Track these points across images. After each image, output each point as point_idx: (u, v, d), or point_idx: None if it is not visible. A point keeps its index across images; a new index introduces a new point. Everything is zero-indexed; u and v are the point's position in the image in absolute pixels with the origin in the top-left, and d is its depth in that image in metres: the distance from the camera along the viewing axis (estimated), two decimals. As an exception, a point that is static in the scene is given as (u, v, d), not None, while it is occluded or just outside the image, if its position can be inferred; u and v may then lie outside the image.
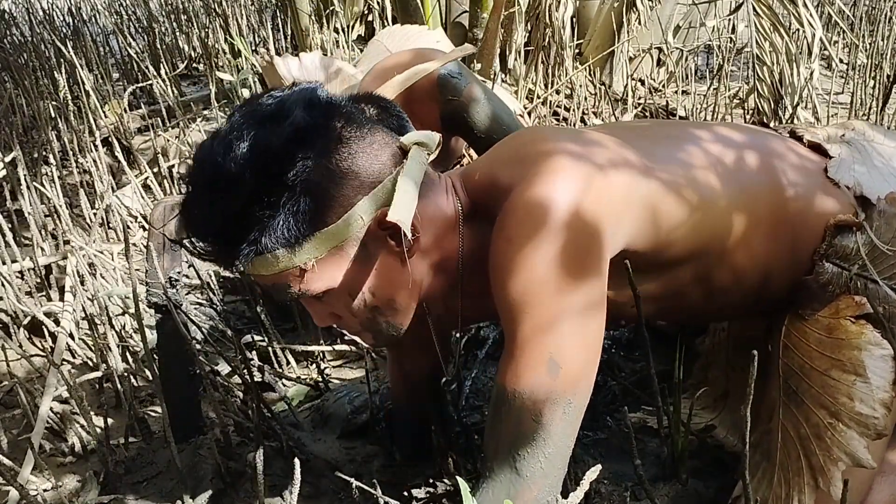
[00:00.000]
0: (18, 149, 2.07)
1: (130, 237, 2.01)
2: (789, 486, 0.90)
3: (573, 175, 0.81)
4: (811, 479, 0.88)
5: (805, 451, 0.90)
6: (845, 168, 1.00)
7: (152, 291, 1.13)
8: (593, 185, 0.82)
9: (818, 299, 0.97)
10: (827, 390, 0.90)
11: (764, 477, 0.95)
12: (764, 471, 0.96)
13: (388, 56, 1.53)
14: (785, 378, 0.97)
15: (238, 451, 1.19)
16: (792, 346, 0.97)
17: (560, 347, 0.78)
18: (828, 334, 0.93)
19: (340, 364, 1.48)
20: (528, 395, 0.78)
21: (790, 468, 0.91)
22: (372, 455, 1.19)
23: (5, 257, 1.67)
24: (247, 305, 1.67)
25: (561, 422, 0.79)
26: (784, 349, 0.98)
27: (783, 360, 0.98)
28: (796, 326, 0.98)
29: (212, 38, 3.28)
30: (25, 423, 1.29)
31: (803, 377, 0.94)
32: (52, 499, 1.13)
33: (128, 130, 2.59)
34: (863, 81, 2.32)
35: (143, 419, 1.29)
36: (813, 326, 0.96)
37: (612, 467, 1.12)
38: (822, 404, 0.90)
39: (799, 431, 0.92)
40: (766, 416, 0.99)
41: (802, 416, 0.92)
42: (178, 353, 1.16)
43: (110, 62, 3.46)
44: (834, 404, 0.89)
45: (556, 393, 0.78)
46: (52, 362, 1.28)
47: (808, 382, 0.93)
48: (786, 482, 0.91)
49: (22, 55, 3.42)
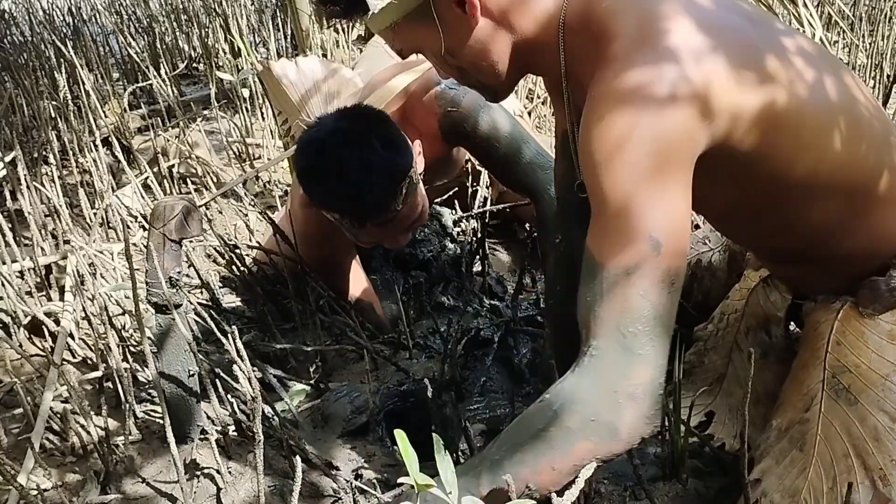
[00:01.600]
0: (18, 148, 2.07)
1: (130, 237, 2.01)
2: (833, 482, 0.90)
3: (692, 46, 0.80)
4: (866, 479, 0.88)
5: (857, 449, 0.90)
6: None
7: (152, 291, 1.13)
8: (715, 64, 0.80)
9: (882, 301, 0.96)
10: (887, 395, 0.90)
11: (793, 466, 0.95)
12: (793, 459, 0.95)
13: (382, 71, 1.55)
14: (833, 373, 0.96)
15: (238, 451, 1.19)
16: (847, 344, 0.96)
17: (660, 223, 0.78)
18: (890, 340, 0.93)
19: (340, 364, 1.48)
20: (633, 272, 0.77)
21: (835, 463, 0.91)
22: (372, 455, 1.19)
23: (5, 257, 1.67)
24: (247, 305, 1.67)
25: (669, 298, 0.79)
26: (835, 345, 0.97)
27: (832, 355, 0.97)
28: (851, 324, 0.97)
29: (212, 38, 3.27)
30: (25, 422, 1.29)
31: (858, 377, 0.93)
32: (52, 499, 1.13)
33: (128, 130, 2.59)
34: (863, 81, 2.32)
35: (143, 419, 1.29)
36: (872, 328, 0.95)
37: (612, 467, 1.11)
38: (882, 408, 0.90)
39: (850, 430, 0.91)
40: (802, 406, 0.98)
41: (856, 416, 0.92)
42: (178, 353, 1.16)
43: (110, 62, 3.46)
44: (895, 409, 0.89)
45: (660, 269, 0.78)
46: (53, 362, 1.28)
47: (863, 383, 0.92)
48: (827, 476, 0.91)
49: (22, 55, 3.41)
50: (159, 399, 1.02)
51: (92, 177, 2.11)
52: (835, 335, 0.98)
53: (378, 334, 1.52)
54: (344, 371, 1.45)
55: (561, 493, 0.75)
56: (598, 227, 0.81)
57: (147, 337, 1.08)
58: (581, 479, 0.73)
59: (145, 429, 1.27)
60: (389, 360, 1.38)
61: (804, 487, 0.92)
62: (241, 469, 1.15)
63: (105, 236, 2.03)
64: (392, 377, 1.36)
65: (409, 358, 1.43)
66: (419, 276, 1.68)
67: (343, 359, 1.49)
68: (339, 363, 1.48)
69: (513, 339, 1.48)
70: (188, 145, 2.41)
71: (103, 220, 2.05)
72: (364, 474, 1.15)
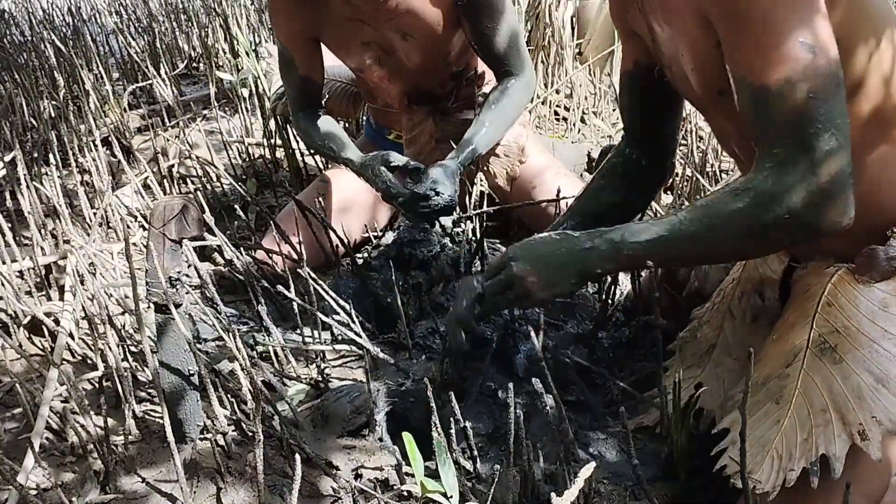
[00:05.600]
0: (18, 148, 2.07)
1: (130, 237, 2.01)
2: (809, 433, 0.91)
3: None
4: (843, 433, 0.89)
5: (837, 405, 0.91)
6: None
7: (152, 291, 1.13)
8: None
9: (880, 270, 0.97)
10: (875, 358, 0.91)
11: (767, 417, 0.96)
12: (768, 411, 0.97)
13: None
14: (820, 333, 0.97)
15: (238, 451, 1.19)
16: (838, 306, 0.97)
17: (805, 31, 0.82)
18: (882, 307, 0.94)
19: (340, 364, 1.48)
20: (797, 78, 0.82)
21: (812, 416, 0.92)
22: (372, 455, 1.19)
23: (5, 257, 1.67)
24: (247, 305, 1.67)
25: (837, 94, 0.83)
26: (826, 306, 0.98)
27: (821, 316, 0.98)
28: (845, 289, 0.98)
29: (212, 38, 3.28)
30: (25, 422, 1.29)
31: (847, 338, 0.94)
32: (52, 499, 1.13)
33: (128, 130, 2.59)
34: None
35: (143, 419, 1.29)
36: (865, 295, 0.96)
37: (612, 467, 1.12)
38: (868, 369, 0.91)
39: (832, 387, 0.92)
40: (783, 362, 0.99)
41: (839, 374, 0.93)
42: (177, 352, 1.16)
43: (110, 62, 3.46)
44: (882, 372, 0.90)
45: (821, 68, 0.82)
46: (52, 361, 1.28)
47: (851, 344, 0.94)
48: (802, 428, 0.92)
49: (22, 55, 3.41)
50: (159, 399, 1.02)
51: (92, 177, 2.11)
52: (826, 297, 0.99)
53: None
54: (344, 371, 1.45)
55: (560, 493, 0.75)
56: (745, 55, 0.86)
57: (147, 336, 1.07)
58: (580, 480, 0.73)
59: (145, 428, 1.27)
60: (389, 360, 1.38)
61: (776, 438, 0.93)
62: (241, 469, 1.15)
63: (105, 236, 2.03)
64: (392, 377, 1.36)
65: (409, 358, 1.43)
66: (419, 276, 1.68)
67: (343, 359, 1.49)
68: (339, 363, 1.48)
69: (512, 339, 1.48)
70: (188, 145, 2.41)
71: (103, 220, 2.05)
72: (364, 474, 1.15)
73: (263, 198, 2.28)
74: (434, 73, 1.78)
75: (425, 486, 0.70)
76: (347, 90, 2.15)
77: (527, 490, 1.01)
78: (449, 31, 1.68)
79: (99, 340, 1.37)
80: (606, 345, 1.38)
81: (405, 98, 1.83)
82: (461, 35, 1.71)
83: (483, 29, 1.61)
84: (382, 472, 1.15)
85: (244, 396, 1.21)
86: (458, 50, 1.75)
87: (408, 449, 0.71)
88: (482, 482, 1.10)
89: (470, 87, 1.84)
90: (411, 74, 1.77)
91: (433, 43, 1.69)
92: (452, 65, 1.78)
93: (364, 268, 1.70)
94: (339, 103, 2.17)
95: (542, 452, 1.10)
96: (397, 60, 1.74)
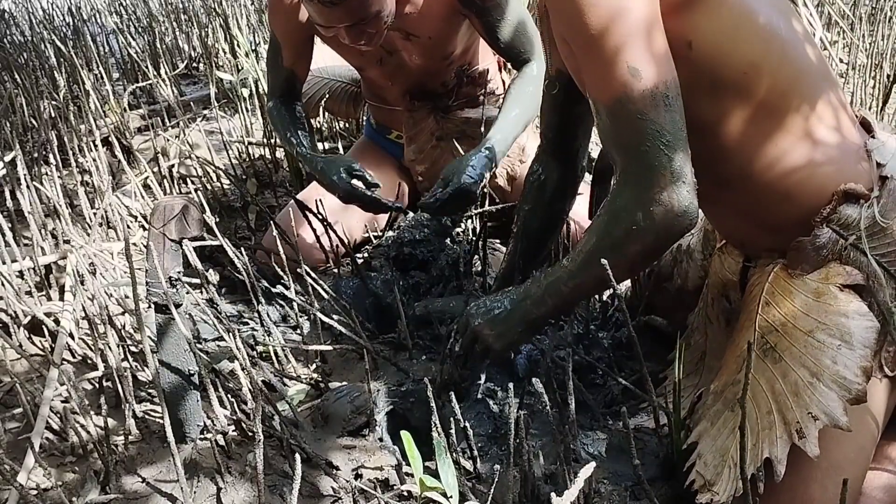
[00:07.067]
0: (18, 148, 2.07)
1: (130, 237, 2.01)
2: (757, 437, 0.91)
3: None
4: (784, 433, 0.89)
5: (779, 405, 0.91)
6: (886, 150, 1.01)
7: (152, 291, 1.13)
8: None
9: (809, 261, 0.99)
10: (810, 351, 0.92)
11: (725, 426, 0.96)
12: (725, 420, 0.97)
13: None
14: (762, 333, 0.98)
15: (238, 451, 1.19)
16: (774, 304, 0.99)
17: (634, 48, 0.89)
18: (815, 298, 0.95)
19: (340, 364, 1.48)
20: (624, 99, 0.90)
21: (759, 420, 0.92)
22: (372, 455, 1.19)
23: (5, 257, 1.67)
24: (247, 305, 1.67)
25: (666, 113, 0.90)
26: (765, 305, 1.00)
27: (762, 316, 1.00)
28: (780, 285, 1.00)
29: (212, 38, 3.28)
30: (25, 422, 1.29)
31: (784, 335, 0.95)
32: (53, 499, 1.13)
33: (128, 130, 2.59)
34: (863, 81, 2.32)
35: (143, 419, 1.29)
36: (800, 288, 0.97)
37: (612, 467, 1.11)
38: (804, 364, 0.91)
39: (773, 386, 0.93)
40: (736, 368, 1.00)
41: (779, 372, 0.93)
42: (177, 352, 1.16)
43: (110, 62, 3.46)
44: (816, 365, 0.90)
45: (646, 91, 0.89)
46: (52, 362, 1.28)
47: (788, 341, 0.95)
48: (752, 433, 0.92)
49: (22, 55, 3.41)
50: (159, 399, 1.02)
51: (92, 177, 2.11)
52: (764, 296, 1.01)
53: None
54: (344, 371, 1.45)
55: (560, 493, 0.75)
56: (588, 77, 0.95)
57: (147, 336, 1.07)
58: (580, 480, 0.73)
59: (145, 428, 1.27)
60: (389, 360, 1.38)
61: (732, 446, 0.93)
62: (241, 469, 1.15)
63: (105, 236, 2.03)
64: (392, 377, 1.36)
65: (409, 358, 1.43)
66: (418, 276, 1.68)
67: (343, 359, 1.49)
68: (339, 363, 1.48)
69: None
70: (188, 145, 2.41)
71: (103, 220, 2.05)
72: (364, 474, 1.15)
73: (263, 198, 2.28)
74: (436, 71, 1.78)
75: (424, 483, 0.70)
76: (347, 90, 2.15)
77: (527, 490, 1.01)
78: (451, 30, 1.68)
79: (99, 340, 1.37)
80: (606, 345, 1.38)
81: (407, 96, 1.83)
82: (463, 34, 1.71)
83: (493, 23, 1.62)
84: (382, 472, 1.15)
85: (244, 396, 1.20)
86: (461, 49, 1.75)
87: (406, 448, 0.71)
88: (482, 482, 1.10)
89: (471, 85, 1.84)
90: (413, 73, 1.77)
91: (435, 42, 1.69)
92: (454, 64, 1.78)
93: (364, 268, 1.70)
94: (339, 103, 2.17)
95: (542, 452, 1.10)
96: (399, 60, 1.74)
